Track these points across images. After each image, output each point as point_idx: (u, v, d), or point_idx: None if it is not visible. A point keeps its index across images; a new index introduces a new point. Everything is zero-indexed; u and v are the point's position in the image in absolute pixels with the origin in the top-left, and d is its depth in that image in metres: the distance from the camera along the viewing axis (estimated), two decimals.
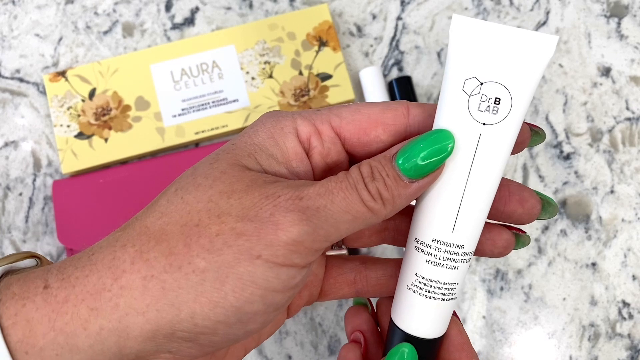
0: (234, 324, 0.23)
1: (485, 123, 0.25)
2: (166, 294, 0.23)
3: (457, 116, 0.25)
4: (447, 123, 0.25)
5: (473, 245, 0.27)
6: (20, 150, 0.52)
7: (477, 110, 0.25)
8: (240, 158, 0.25)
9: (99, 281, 0.23)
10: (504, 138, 0.25)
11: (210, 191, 0.24)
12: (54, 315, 0.23)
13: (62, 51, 0.54)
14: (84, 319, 0.23)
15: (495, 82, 0.25)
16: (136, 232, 0.24)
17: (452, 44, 0.25)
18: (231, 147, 0.26)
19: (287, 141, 0.26)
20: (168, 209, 0.24)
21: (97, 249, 0.24)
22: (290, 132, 0.26)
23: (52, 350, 0.23)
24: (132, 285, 0.23)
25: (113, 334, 0.23)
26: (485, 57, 0.25)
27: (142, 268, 0.23)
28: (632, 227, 0.51)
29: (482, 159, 0.25)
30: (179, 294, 0.23)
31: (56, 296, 0.23)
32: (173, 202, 0.24)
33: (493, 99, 0.25)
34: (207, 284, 0.23)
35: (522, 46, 0.25)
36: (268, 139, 0.26)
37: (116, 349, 0.23)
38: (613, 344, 0.49)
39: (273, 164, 0.26)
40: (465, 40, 0.25)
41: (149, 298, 0.23)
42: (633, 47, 0.55)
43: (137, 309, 0.23)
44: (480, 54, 0.25)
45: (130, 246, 0.24)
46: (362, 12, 0.56)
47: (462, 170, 0.26)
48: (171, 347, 0.24)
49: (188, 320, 0.23)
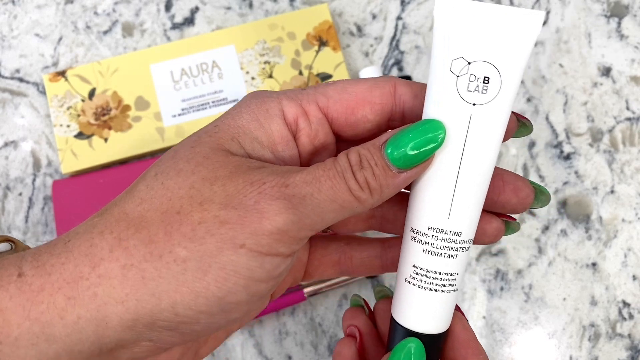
0: (216, 314, 0.23)
1: (475, 103, 0.24)
2: (146, 283, 0.22)
3: (446, 97, 0.25)
4: (437, 105, 0.25)
5: (471, 232, 0.26)
6: (20, 150, 0.52)
7: (467, 90, 0.24)
8: (224, 142, 0.24)
9: (76, 269, 0.23)
10: (495, 118, 0.25)
11: (192, 177, 0.23)
12: (29, 304, 0.22)
13: (62, 51, 0.54)
14: (60, 308, 0.22)
15: (483, 61, 0.24)
16: (114, 219, 0.23)
17: (437, 25, 0.25)
18: (214, 130, 0.25)
19: (273, 124, 0.25)
20: (148, 195, 0.23)
21: (74, 235, 0.24)
22: (276, 115, 0.25)
23: (27, 340, 0.22)
24: (111, 274, 0.22)
25: (91, 323, 0.22)
26: (471, 36, 0.24)
27: (121, 256, 0.22)
28: (632, 227, 0.51)
29: (474, 140, 0.25)
30: (159, 284, 0.22)
31: (31, 284, 0.22)
32: (153, 188, 0.24)
33: (482, 79, 0.24)
34: (189, 273, 0.22)
35: (509, 23, 0.24)
36: (253, 122, 0.25)
37: (94, 338, 0.22)
38: (613, 344, 0.49)
39: (257, 148, 0.25)
40: (450, 20, 0.24)
41: (129, 287, 0.22)
42: (633, 47, 0.55)
43: (116, 298, 0.22)
44: (466, 33, 0.24)
45: (109, 233, 0.23)
46: (362, 12, 0.56)
47: (454, 153, 0.25)
48: (152, 335, 0.23)
49: (169, 310, 0.22)
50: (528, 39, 0.24)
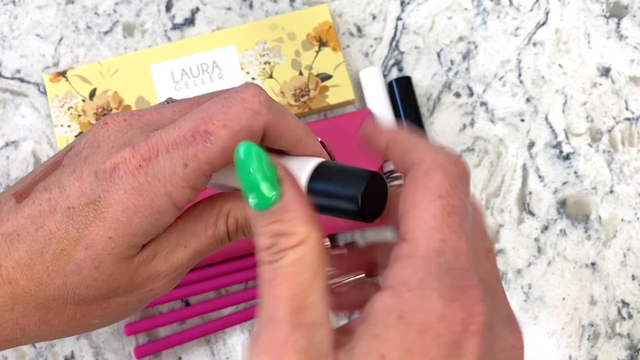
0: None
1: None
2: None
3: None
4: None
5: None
6: (20, 150, 0.52)
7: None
8: (123, 254, 0.27)
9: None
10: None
11: (100, 290, 0.27)
12: None
13: (63, 51, 0.54)
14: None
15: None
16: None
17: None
18: (111, 245, 0.26)
19: (166, 218, 0.27)
20: (63, 294, 0.27)
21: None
22: (168, 210, 0.27)
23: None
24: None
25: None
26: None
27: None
28: (631, 227, 0.52)
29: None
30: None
31: None
32: (64, 294, 0.27)
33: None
34: (97, 326, 0.29)
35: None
36: (147, 225, 0.27)
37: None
38: (612, 344, 0.49)
39: (151, 237, 0.27)
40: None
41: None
42: (633, 47, 0.55)
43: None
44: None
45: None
46: (362, 12, 0.56)
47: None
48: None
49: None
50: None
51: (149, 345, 0.47)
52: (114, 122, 0.27)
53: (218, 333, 0.48)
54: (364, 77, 0.53)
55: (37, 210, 0.26)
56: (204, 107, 0.26)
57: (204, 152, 0.25)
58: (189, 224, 0.28)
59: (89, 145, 0.27)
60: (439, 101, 0.54)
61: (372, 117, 0.25)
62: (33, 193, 0.27)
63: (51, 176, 0.27)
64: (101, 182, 0.26)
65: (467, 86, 0.54)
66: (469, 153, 0.53)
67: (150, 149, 0.26)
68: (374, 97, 0.53)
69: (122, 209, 0.25)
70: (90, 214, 0.26)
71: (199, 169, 0.26)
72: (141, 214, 0.26)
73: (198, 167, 0.26)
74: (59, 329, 0.27)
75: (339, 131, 0.51)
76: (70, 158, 0.27)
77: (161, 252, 0.27)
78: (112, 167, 0.26)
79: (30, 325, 0.27)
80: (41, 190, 0.27)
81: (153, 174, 0.26)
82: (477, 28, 0.56)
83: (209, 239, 0.28)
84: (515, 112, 0.54)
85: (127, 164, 0.26)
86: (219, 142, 0.25)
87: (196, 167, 0.26)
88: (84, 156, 0.27)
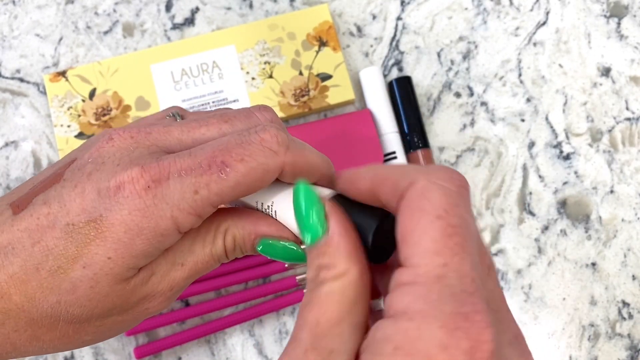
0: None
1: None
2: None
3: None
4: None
5: None
6: (20, 150, 0.52)
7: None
8: (121, 276, 0.26)
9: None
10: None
11: (95, 310, 0.26)
12: None
13: (63, 51, 0.54)
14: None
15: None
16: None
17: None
18: (109, 265, 0.26)
19: (168, 242, 0.27)
20: (56, 312, 0.27)
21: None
22: (171, 234, 0.26)
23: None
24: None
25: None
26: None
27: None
28: (632, 227, 0.52)
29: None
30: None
31: None
32: (57, 312, 0.26)
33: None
34: (89, 342, 0.28)
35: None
36: (148, 247, 0.26)
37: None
38: (613, 344, 0.49)
39: (151, 259, 0.27)
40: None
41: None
42: (633, 47, 0.55)
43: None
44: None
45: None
46: (362, 12, 0.56)
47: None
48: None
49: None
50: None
51: (149, 345, 0.47)
52: (120, 138, 0.27)
53: (218, 333, 0.48)
54: (364, 77, 0.53)
55: (35, 224, 0.25)
56: (222, 140, 0.26)
57: (218, 183, 0.25)
58: (186, 242, 0.27)
59: (92, 160, 0.26)
60: (439, 101, 0.54)
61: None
62: (31, 205, 0.26)
63: (51, 189, 0.26)
64: (104, 200, 0.25)
65: (467, 86, 0.54)
66: (469, 153, 0.53)
67: (161, 171, 0.25)
68: (374, 97, 0.52)
69: (124, 230, 0.25)
70: (91, 233, 0.25)
71: (209, 198, 0.25)
72: (144, 236, 0.25)
73: (208, 196, 0.25)
74: (50, 344, 0.27)
75: (339, 131, 0.51)
76: (73, 172, 0.26)
77: (158, 271, 0.27)
78: (117, 186, 0.25)
79: (21, 340, 0.26)
80: (40, 204, 0.26)
81: (161, 197, 0.25)
82: (478, 28, 0.56)
83: (206, 257, 0.27)
84: (516, 112, 0.54)
85: (135, 183, 0.25)
86: (233, 175, 0.25)
87: (206, 197, 0.25)
88: (87, 172, 0.26)
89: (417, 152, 0.51)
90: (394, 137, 0.52)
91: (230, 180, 0.25)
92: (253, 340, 0.48)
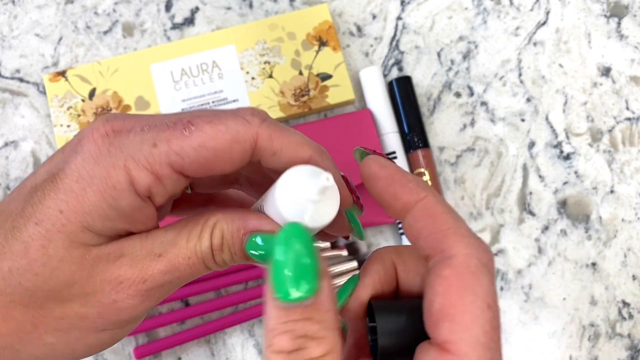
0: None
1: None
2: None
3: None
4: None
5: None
6: (20, 150, 0.52)
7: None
8: (76, 236, 0.23)
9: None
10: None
11: (50, 282, 0.24)
12: None
13: (62, 51, 0.54)
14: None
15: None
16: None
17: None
18: (61, 221, 0.23)
19: (123, 200, 0.23)
20: (8, 289, 0.24)
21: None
22: (124, 189, 0.23)
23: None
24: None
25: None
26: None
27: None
28: (632, 227, 0.52)
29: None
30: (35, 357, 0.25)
31: None
32: (10, 285, 0.24)
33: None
34: (59, 352, 0.25)
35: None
36: (100, 202, 0.23)
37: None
38: (613, 344, 0.49)
39: (111, 225, 0.24)
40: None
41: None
42: (633, 47, 0.55)
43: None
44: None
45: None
46: (362, 12, 0.56)
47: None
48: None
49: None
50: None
51: (148, 345, 0.47)
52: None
53: (218, 333, 0.48)
54: (364, 77, 0.53)
55: (8, 198, 0.25)
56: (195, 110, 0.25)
57: (179, 139, 0.23)
58: (169, 233, 0.25)
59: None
60: (439, 101, 0.54)
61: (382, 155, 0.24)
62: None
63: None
64: (66, 154, 0.24)
65: (467, 86, 0.54)
66: (469, 153, 0.53)
67: (124, 124, 0.24)
68: (374, 97, 0.52)
69: (76, 178, 0.23)
70: (47, 187, 0.24)
71: (167, 155, 0.23)
72: (95, 186, 0.23)
73: (167, 152, 0.23)
74: (8, 341, 0.24)
75: (339, 131, 0.51)
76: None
77: (129, 254, 0.24)
78: (79, 138, 0.24)
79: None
80: (23, 181, 0.26)
81: (117, 145, 0.23)
82: (478, 28, 0.56)
83: (189, 252, 0.24)
84: (516, 111, 0.54)
85: (94, 131, 0.24)
86: (198, 134, 0.23)
87: (164, 152, 0.23)
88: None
89: (417, 152, 0.51)
90: (394, 137, 0.52)
91: (194, 139, 0.23)
92: (253, 340, 0.48)
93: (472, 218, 0.51)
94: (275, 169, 0.25)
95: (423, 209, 0.23)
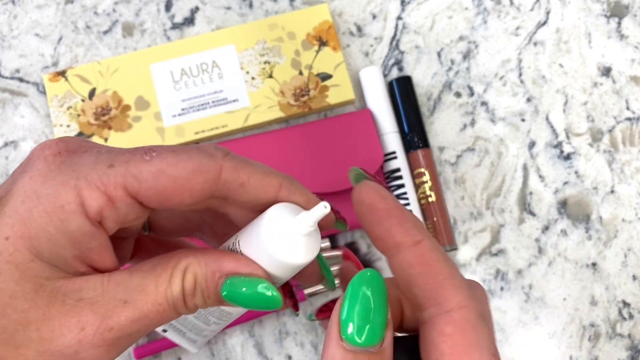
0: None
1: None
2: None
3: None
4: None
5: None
6: (20, 150, 0.52)
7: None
8: (26, 268, 0.21)
9: None
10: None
11: (2, 321, 0.21)
12: None
13: (62, 51, 0.54)
14: None
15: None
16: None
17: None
18: (8, 250, 0.21)
19: (71, 222, 0.21)
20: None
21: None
22: (74, 210, 0.21)
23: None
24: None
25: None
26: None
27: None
28: (632, 227, 0.51)
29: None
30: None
31: None
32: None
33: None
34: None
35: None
36: (47, 224, 0.21)
37: None
38: (613, 344, 0.49)
39: (61, 252, 0.22)
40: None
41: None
42: (633, 47, 0.55)
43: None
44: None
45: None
46: (362, 12, 0.56)
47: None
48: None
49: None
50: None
51: (148, 345, 0.47)
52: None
53: (218, 333, 0.48)
54: (364, 77, 0.53)
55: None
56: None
57: (139, 162, 0.22)
58: (135, 277, 0.23)
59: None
60: (440, 101, 0.54)
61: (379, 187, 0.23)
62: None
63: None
64: (15, 176, 0.22)
65: (467, 86, 0.54)
66: (470, 153, 0.53)
67: (80, 145, 0.22)
68: (374, 96, 0.52)
69: (22, 198, 0.21)
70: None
71: (124, 177, 0.22)
72: (42, 205, 0.21)
73: (124, 173, 0.22)
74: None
75: (339, 131, 0.51)
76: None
77: (89, 297, 0.22)
78: (29, 157, 0.22)
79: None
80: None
81: (69, 163, 0.22)
82: (478, 27, 0.55)
83: (159, 298, 0.22)
84: (516, 111, 0.54)
85: (46, 150, 0.22)
86: (159, 160, 0.22)
87: (121, 173, 0.22)
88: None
89: (417, 152, 0.51)
90: (394, 137, 0.52)
91: (154, 164, 0.22)
92: (253, 340, 0.48)
93: (472, 218, 0.51)
94: (245, 202, 0.24)
95: (418, 255, 0.23)
